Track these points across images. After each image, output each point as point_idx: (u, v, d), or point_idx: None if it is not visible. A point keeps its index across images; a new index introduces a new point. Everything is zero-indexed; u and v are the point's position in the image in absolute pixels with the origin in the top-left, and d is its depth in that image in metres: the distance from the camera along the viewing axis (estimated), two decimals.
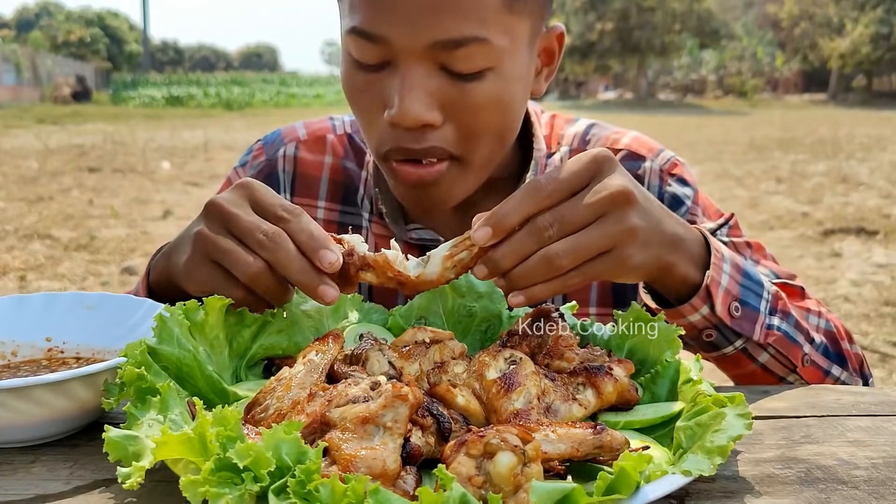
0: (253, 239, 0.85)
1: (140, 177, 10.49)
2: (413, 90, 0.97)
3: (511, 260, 0.83)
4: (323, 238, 0.86)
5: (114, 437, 0.65)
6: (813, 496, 0.71)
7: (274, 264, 0.85)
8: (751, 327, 1.00)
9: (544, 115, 1.33)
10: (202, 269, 0.89)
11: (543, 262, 0.82)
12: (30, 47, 46.26)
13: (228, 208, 0.88)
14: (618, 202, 0.85)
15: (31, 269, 5.76)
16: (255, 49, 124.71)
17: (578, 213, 0.83)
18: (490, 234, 0.83)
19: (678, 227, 0.94)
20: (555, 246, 0.82)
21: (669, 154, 1.29)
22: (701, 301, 0.97)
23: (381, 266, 0.86)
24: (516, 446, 0.62)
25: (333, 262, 0.84)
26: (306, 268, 0.84)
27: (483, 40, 0.96)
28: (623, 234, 0.85)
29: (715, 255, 0.97)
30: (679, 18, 43.37)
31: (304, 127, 1.36)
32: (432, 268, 0.86)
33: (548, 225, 0.83)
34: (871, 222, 7.44)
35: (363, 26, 0.98)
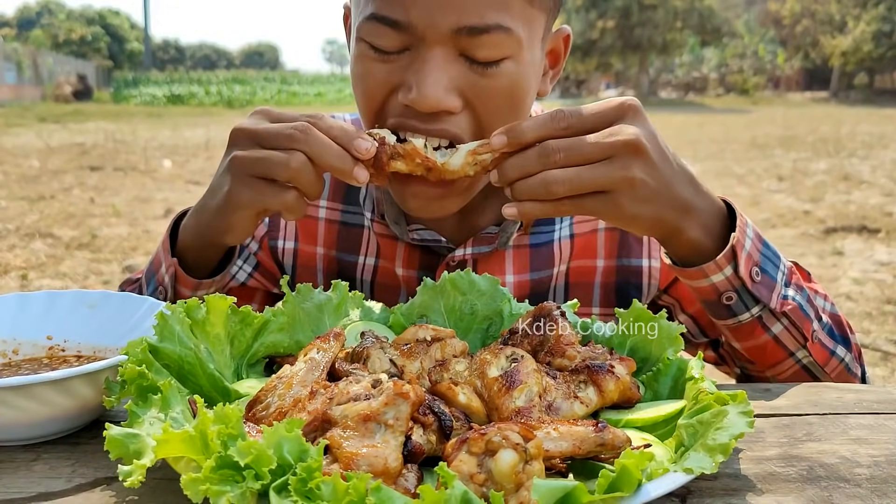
0: (285, 136, 0.91)
1: (141, 175, 10.49)
2: (433, 74, 0.97)
3: (516, 172, 0.89)
4: (354, 130, 0.92)
5: (115, 435, 0.65)
6: (815, 494, 0.71)
7: (310, 154, 0.90)
8: (768, 294, 1.02)
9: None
10: (245, 190, 0.93)
11: (541, 184, 0.88)
12: (31, 46, 46.30)
13: (252, 127, 0.94)
14: (627, 150, 0.88)
15: (33, 268, 5.76)
16: (256, 47, 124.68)
17: (586, 149, 0.88)
18: (504, 141, 0.90)
19: (693, 194, 0.96)
20: (555, 172, 0.87)
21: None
22: (726, 261, 0.98)
23: (410, 153, 0.93)
24: (518, 444, 0.62)
25: (369, 149, 0.91)
26: (342, 153, 0.91)
27: (506, 29, 0.97)
28: (622, 182, 0.88)
29: (740, 219, 1.00)
30: (680, 16, 43.31)
31: None
32: (457, 159, 0.93)
33: (556, 150, 0.88)
34: (873, 220, 7.43)
35: (385, 12, 0.98)
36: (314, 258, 1.30)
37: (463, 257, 1.21)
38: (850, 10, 43.53)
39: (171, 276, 1.08)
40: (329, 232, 1.28)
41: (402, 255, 1.25)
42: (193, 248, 1.06)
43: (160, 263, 1.11)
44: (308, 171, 0.90)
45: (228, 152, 0.96)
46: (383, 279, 1.27)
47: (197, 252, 1.07)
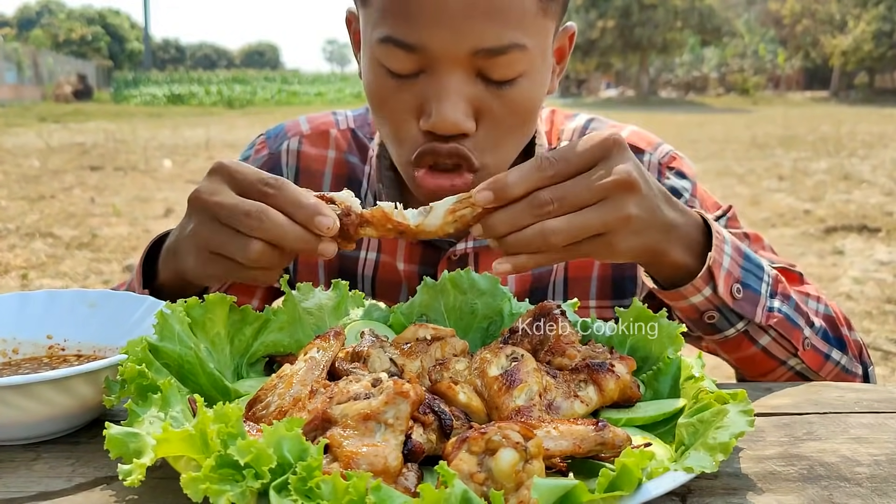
0: (240, 222, 0.85)
1: (142, 175, 10.49)
2: (452, 97, 0.96)
3: (506, 227, 0.84)
4: (313, 205, 0.85)
5: (115, 435, 0.65)
6: (815, 493, 0.71)
7: (269, 240, 0.85)
8: (752, 309, 1.01)
9: (544, 110, 1.33)
10: (211, 265, 0.90)
11: (538, 236, 0.84)
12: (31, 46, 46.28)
13: (209, 199, 0.88)
14: (620, 188, 0.85)
15: (33, 268, 5.76)
16: (256, 47, 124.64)
17: (580, 194, 0.84)
18: (491, 198, 0.84)
19: (675, 214, 0.94)
20: (551, 222, 0.83)
21: (668, 148, 1.30)
22: (703, 282, 0.97)
23: (380, 219, 0.86)
24: (518, 443, 0.62)
25: (331, 226, 0.84)
26: (301, 234, 0.84)
27: (522, 46, 0.96)
28: (618, 221, 0.86)
29: (716, 237, 0.98)
30: (681, 15, 43.29)
31: (308, 122, 1.36)
32: (434, 219, 0.86)
33: (548, 201, 0.84)
34: (874, 220, 7.42)
35: (399, 36, 0.97)
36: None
37: (464, 251, 1.21)
38: (850, 10, 43.52)
39: None
40: None
41: (403, 250, 1.25)
42: (175, 286, 1.04)
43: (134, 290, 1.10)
44: (268, 255, 0.85)
45: (189, 220, 0.92)
46: (385, 275, 1.27)
47: (178, 290, 1.04)
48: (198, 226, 0.89)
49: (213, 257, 0.89)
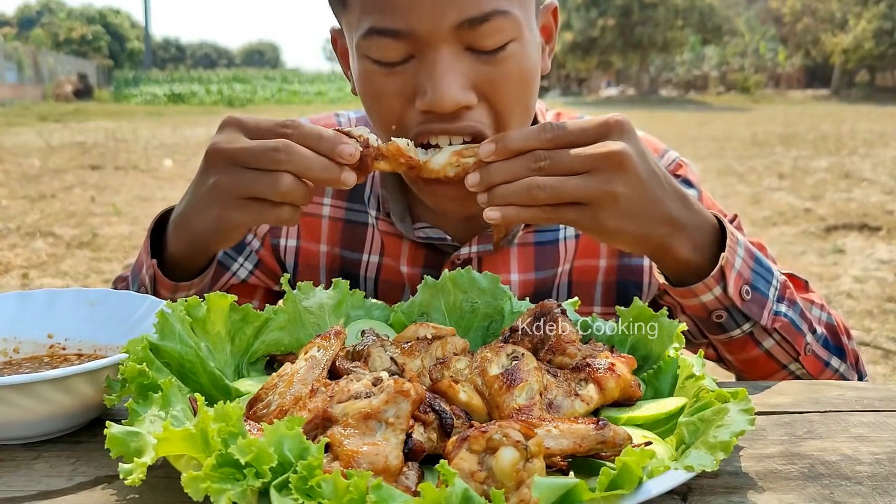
0: (268, 157, 0.89)
1: (142, 174, 10.49)
2: (446, 73, 0.97)
3: (500, 176, 0.90)
4: (334, 136, 0.90)
5: (116, 434, 0.65)
6: (816, 492, 0.71)
7: (296, 171, 0.89)
8: (759, 311, 1.02)
9: (549, 112, 1.33)
10: (238, 213, 0.92)
11: (524, 189, 0.89)
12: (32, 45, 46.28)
13: (229, 146, 0.91)
14: (609, 163, 0.88)
15: (34, 267, 5.76)
16: (256, 46, 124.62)
17: (570, 160, 0.89)
18: (493, 149, 0.90)
19: (683, 211, 0.95)
20: (539, 178, 0.88)
21: (674, 155, 1.30)
22: (714, 281, 0.98)
23: (394, 153, 0.93)
24: (518, 442, 0.62)
25: (353, 153, 0.90)
26: (326, 164, 0.89)
27: (504, 12, 0.98)
28: (603, 195, 0.89)
29: (730, 238, 0.99)
30: (681, 14, 43.26)
31: (309, 122, 1.35)
32: (440, 158, 0.94)
33: (541, 158, 0.89)
34: (874, 218, 7.42)
35: (383, 24, 0.98)
36: (317, 256, 1.30)
37: (468, 255, 1.21)
38: (850, 8, 43.46)
39: (150, 277, 1.07)
40: (333, 229, 1.28)
41: (406, 253, 1.25)
42: (184, 256, 1.05)
43: (142, 264, 1.10)
44: (298, 188, 0.89)
45: (207, 174, 0.93)
46: (387, 277, 1.27)
47: (187, 260, 1.05)
48: (221, 176, 0.92)
49: (240, 203, 0.91)
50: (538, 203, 0.89)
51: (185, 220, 1.00)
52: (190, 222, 0.99)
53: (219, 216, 0.93)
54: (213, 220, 0.94)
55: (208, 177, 0.93)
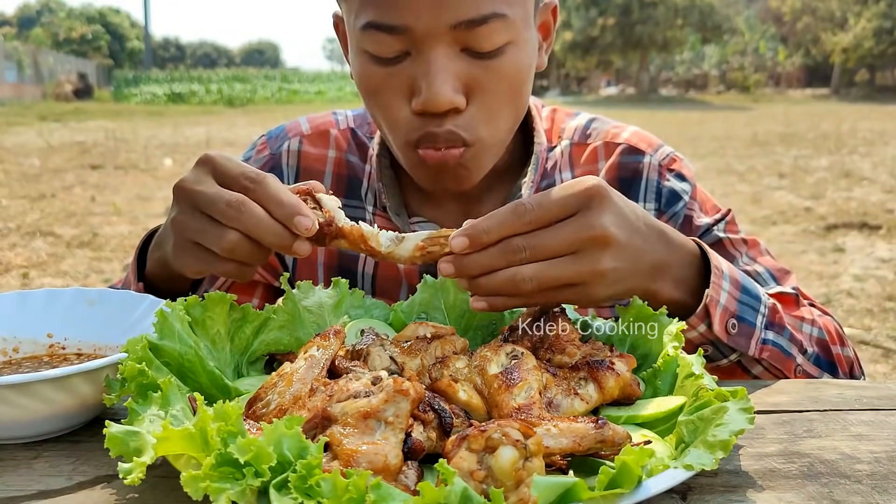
0: (218, 211, 0.86)
1: (142, 174, 10.49)
2: (440, 74, 0.97)
3: (478, 269, 0.84)
4: (294, 203, 0.86)
5: (115, 433, 0.65)
6: (815, 490, 0.71)
7: (245, 232, 0.85)
8: (746, 343, 1.00)
9: (545, 109, 1.33)
10: (187, 254, 0.91)
11: (508, 281, 0.84)
12: (31, 44, 46.26)
13: (192, 187, 0.89)
14: (595, 243, 0.85)
15: (34, 267, 5.76)
16: (256, 45, 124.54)
17: (552, 245, 0.84)
18: (466, 244, 0.84)
19: (664, 252, 0.93)
20: (522, 269, 0.83)
21: (668, 149, 1.30)
22: (698, 320, 0.96)
23: (356, 238, 0.88)
24: (518, 441, 0.62)
25: (310, 227, 0.85)
26: (277, 230, 0.85)
27: (502, 16, 0.97)
28: (591, 275, 0.85)
29: (714, 272, 0.96)
30: (681, 13, 43.23)
31: (308, 122, 1.36)
32: (403, 251, 0.88)
33: (521, 248, 0.83)
34: (874, 217, 7.42)
35: (381, 19, 0.98)
36: (315, 252, 1.30)
37: None
38: (850, 7, 43.45)
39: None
40: None
41: None
42: (161, 278, 1.06)
43: (129, 284, 1.11)
44: (244, 247, 0.86)
45: (173, 207, 0.93)
46: (385, 272, 1.27)
47: (165, 282, 1.06)
48: (179, 214, 0.90)
49: (191, 246, 0.90)
50: (526, 293, 0.85)
51: (158, 245, 1.01)
52: (160, 248, 0.99)
53: (174, 253, 0.93)
54: (171, 254, 0.94)
55: (173, 209, 0.93)
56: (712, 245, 1.21)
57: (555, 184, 1.23)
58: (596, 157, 1.28)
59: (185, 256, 0.91)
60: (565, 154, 1.28)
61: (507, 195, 1.24)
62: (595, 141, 1.29)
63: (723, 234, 1.23)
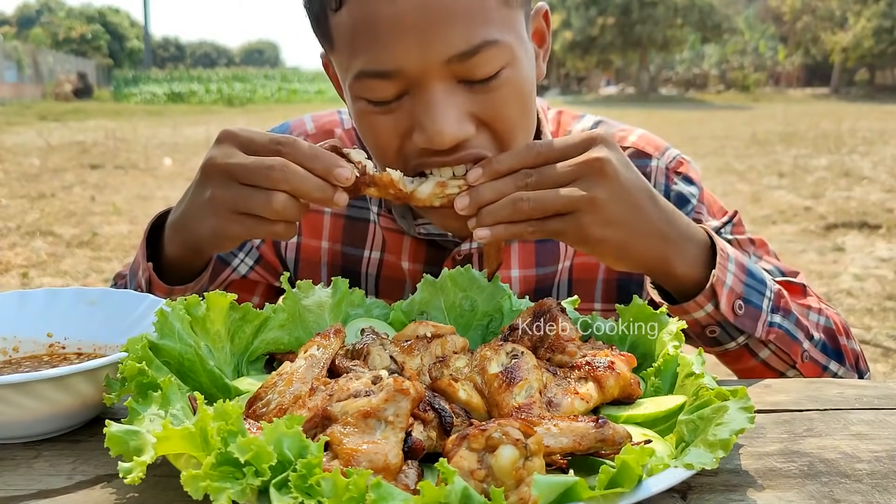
0: (263, 175, 0.89)
1: (142, 173, 10.49)
2: (441, 110, 0.96)
3: (489, 195, 0.91)
4: (330, 157, 0.91)
5: (115, 432, 0.65)
6: (816, 489, 0.71)
7: (292, 191, 0.89)
8: (753, 325, 1.02)
9: (550, 111, 1.33)
10: (233, 226, 0.93)
11: (509, 203, 0.90)
12: (31, 44, 46.20)
13: (224, 161, 0.92)
14: (591, 169, 0.90)
15: (34, 266, 5.76)
16: (256, 45, 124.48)
17: (555, 173, 0.90)
18: (480, 174, 0.92)
19: (669, 225, 0.95)
20: (523, 192, 0.90)
21: (675, 152, 1.30)
22: (706, 299, 0.99)
23: (386, 183, 0.95)
24: (518, 440, 0.62)
25: (349, 177, 0.91)
26: (321, 184, 0.91)
27: (494, 42, 0.96)
28: (584, 201, 0.89)
29: (720, 254, 0.99)
30: (681, 12, 43.20)
31: (313, 120, 1.36)
32: (425, 188, 0.95)
33: (528, 175, 0.91)
34: (874, 216, 7.42)
35: (371, 67, 0.97)
36: (318, 252, 1.30)
37: (469, 251, 1.21)
38: (850, 6, 43.44)
39: (146, 280, 1.07)
40: (335, 226, 1.29)
41: (408, 249, 1.25)
42: (180, 260, 1.05)
43: (139, 265, 1.11)
44: (292, 206, 0.90)
45: (204, 187, 0.94)
46: (389, 273, 1.27)
47: (184, 263, 1.06)
48: (216, 189, 0.92)
49: (236, 217, 0.92)
50: (523, 216, 0.89)
51: (182, 226, 1.01)
52: (186, 229, 1.00)
53: (214, 227, 0.94)
54: (208, 230, 0.95)
55: (205, 189, 0.94)
56: None
57: None
58: None
59: (232, 227, 0.93)
60: None
61: None
62: None
63: (730, 235, 1.24)
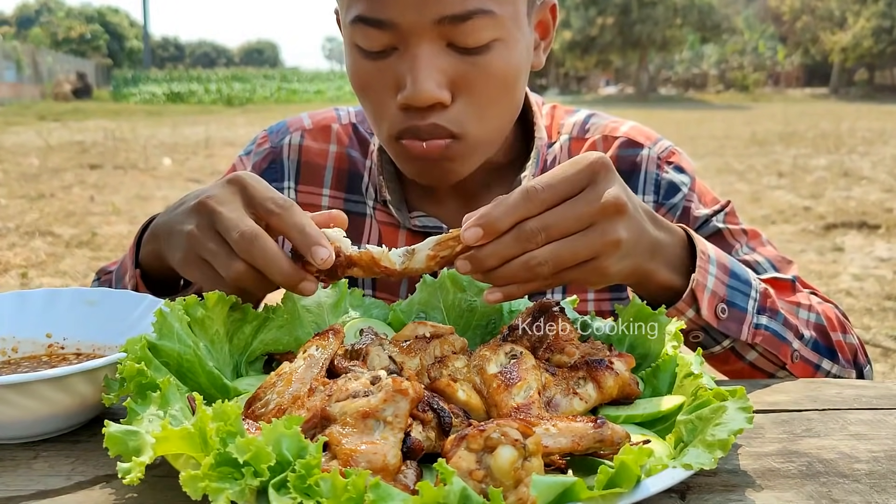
0: (231, 239, 0.86)
1: (141, 173, 10.48)
2: (424, 69, 0.98)
3: (495, 260, 0.82)
4: (316, 234, 0.85)
5: (114, 433, 0.65)
6: (814, 490, 0.71)
7: (252, 265, 0.85)
8: (738, 328, 1.00)
9: (545, 106, 1.34)
10: (194, 268, 0.91)
11: (524, 267, 0.82)
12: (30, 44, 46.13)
13: (214, 206, 0.89)
14: (608, 213, 0.83)
15: (33, 266, 5.76)
16: (255, 45, 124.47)
17: (567, 223, 0.82)
18: (480, 235, 0.82)
19: (660, 233, 0.93)
20: (537, 252, 0.82)
21: (667, 143, 1.30)
22: (686, 305, 0.96)
23: (367, 263, 0.87)
24: (517, 440, 0.62)
25: (325, 259, 0.84)
26: (285, 268, 0.85)
27: (488, 12, 0.98)
28: (606, 245, 0.84)
29: (700, 257, 0.96)
30: (680, 12, 43.22)
31: (310, 117, 1.38)
32: (417, 263, 0.87)
33: (536, 231, 0.81)
34: (873, 216, 7.42)
35: (368, 13, 0.99)
36: None
37: None
38: (849, 6, 43.46)
39: (132, 286, 1.08)
40: None
41: (403, 243, 1.25)
42: (154, 269, 1.07)
43: (126, 269, 1.11)
44: (250, 278, 0.86)
45: (190, 217, 0.92)
46: None
47: (157, 273, 1.07)
48: (196, 228, 0.90)
49: (200, 262, 0.90)
50: (543, 278, 0.83)
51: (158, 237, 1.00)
52: (160, 243, 0.99)
53: (181, 260, 0.93)
54: (176, 260, 0.94)
55: (190, 221, 0.91)
56: (711, 235, 1.21)
57: None
58: (595, 150, 1.28)
59: (192, 270, 0.91)
60: (564, 149, 1.28)
61: (507, 191, 1.24)
62: (593, 135, 1.29)
63: (722, 224, 1.23)
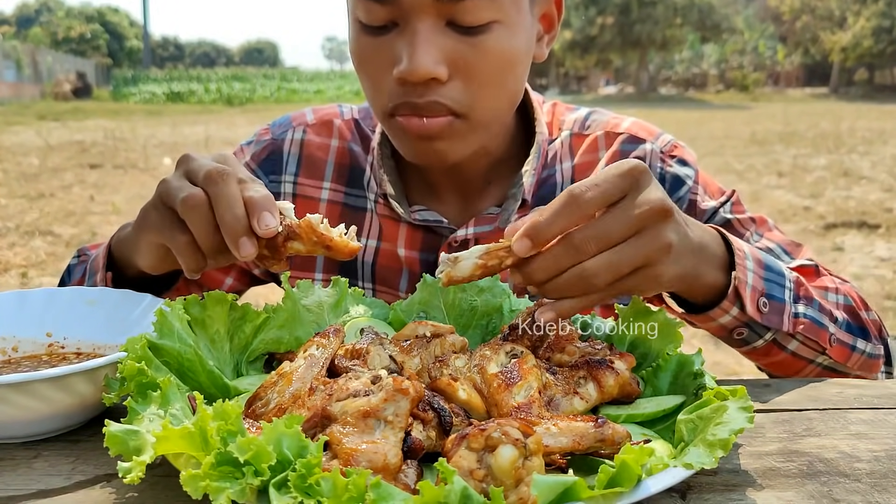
0: (204, 172, 0.85)
1: (141, 173, 10.48)
2: (422, 44, 0.99)
3: (546, 273, 0.80)
4: (271, 202, 0.84)
5: (114, 432, 0.65)
6: (815, 489, 0.71)
7: (214, 198, 0.83)
8: (779, 320, 1.00)
9: (545, 104, 1.34)
10: (153, 213, 0.89)
11: (578, 280, 0.80)
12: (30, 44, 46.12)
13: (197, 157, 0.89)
14: (656, 217, 0.81)
15: (33, 266, 5.76)
16: (255, 45, 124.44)
17: (618, 229, 0.80)
18: (529, 245, 0.79)
19: (702, 234, 0.92)
20: (590, 263, 0.79)
21: (669, 137, 1.30)
22: (730, 303, 0.96)
23: (306, 231, 0.84)
24: (517, 440, 0.62)
25: (269, 226, 0.82)
26: (241, 214, 0.82)
27: None
28: (659, 251, 0.82)
29: (737, 254, 0.96)
30: (680, 12, 43.22)
31: (313, 112, 1.39)
32: (460, 271, 0.82)
33: (586, 241, 0.79)
34: (873, 216, 7.42)
35: None
36: None
37: (465, 237, 1.22)
38: (849, 6, 43.46)
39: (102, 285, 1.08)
40: (331, 214, 1.30)
41: (404, 236, 1.25)
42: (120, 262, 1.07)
43: (98, 268, 1.11)
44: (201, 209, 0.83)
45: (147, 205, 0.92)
46: (385, 261, 1.27)
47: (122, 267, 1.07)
48: (168, 177, 0.90)
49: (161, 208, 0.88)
50: (598, 289, 0.80)
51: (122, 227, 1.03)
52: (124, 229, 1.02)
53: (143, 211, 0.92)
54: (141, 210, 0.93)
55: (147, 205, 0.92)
56: (721, 227, 1.21)
57: (555, 174, 1.25)
58: (596, 146, 1.28)
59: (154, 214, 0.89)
60: (565, 144, 1.28)
61: (508, 185, 1.25)
62: (594, 131, 1.29)
63: (730, 214, 1.23)
